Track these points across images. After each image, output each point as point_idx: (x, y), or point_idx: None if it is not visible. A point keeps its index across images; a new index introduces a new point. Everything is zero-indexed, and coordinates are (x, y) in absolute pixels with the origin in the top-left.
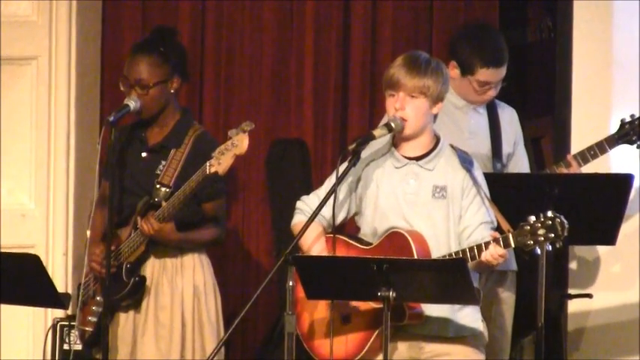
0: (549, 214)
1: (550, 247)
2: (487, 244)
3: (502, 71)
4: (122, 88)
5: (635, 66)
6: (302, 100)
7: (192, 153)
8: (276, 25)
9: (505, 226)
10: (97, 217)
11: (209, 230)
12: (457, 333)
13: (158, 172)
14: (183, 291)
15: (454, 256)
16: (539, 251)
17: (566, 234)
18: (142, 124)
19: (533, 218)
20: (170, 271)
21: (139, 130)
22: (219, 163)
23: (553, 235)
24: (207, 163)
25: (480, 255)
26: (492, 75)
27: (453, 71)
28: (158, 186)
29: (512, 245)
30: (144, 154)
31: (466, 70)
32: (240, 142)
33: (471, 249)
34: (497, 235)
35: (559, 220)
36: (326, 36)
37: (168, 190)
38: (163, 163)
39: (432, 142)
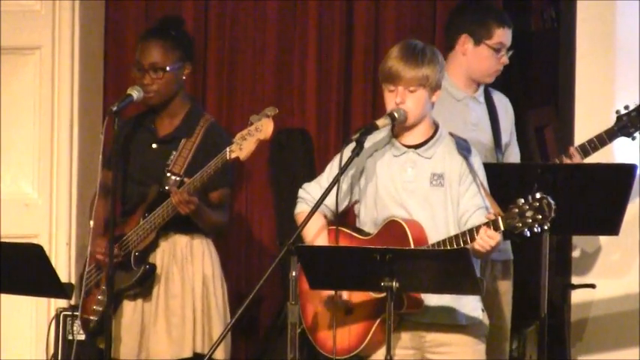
0: (537, 195)
1: (539, 230)
2: (478, 228)
3: (511, 35)
4: (135, 74)
5: (638, 56)
6: (305, 90)
7: (204, 142)
8: (279, 14)
9: (496, 210)
10: (99, 207)
11: (218, 215)
12: (457, 321)
13: (169, 162)
14: (193, 278)
15: (447, 243)
16: (528, 233)
17: (553, 215)
18: (149, 114)
19: (521, 200)
20: (180, 259)
21: (148, 122)
22: (241, 148)
23: (540, 216)
24: (228, 149)
25: (472, 240)
26: (507, 36)
27: (464, 47)
28: (169, 174)
29: (502, 228)
30: (154, 146)
31: (483, 36)
32: (264, 127)
33: (463, 234)
34: (491, 216)
35: (546, 200)
36: (329, 25)
37: (178, 178)
38: (174, 153)
39: (431, 130)
